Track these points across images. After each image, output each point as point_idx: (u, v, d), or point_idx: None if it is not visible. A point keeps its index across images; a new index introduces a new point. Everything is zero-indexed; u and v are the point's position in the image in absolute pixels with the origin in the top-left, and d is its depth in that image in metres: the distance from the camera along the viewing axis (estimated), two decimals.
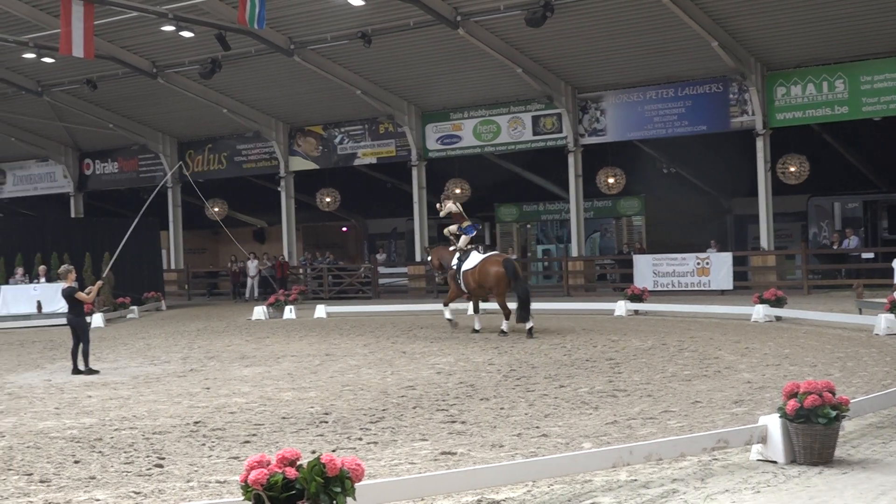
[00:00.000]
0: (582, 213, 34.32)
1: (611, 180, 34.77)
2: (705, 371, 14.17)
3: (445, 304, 22.14)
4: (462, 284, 21.43)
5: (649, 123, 32.41)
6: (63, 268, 17.71)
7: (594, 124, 33.27)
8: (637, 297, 25.04)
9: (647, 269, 31.34)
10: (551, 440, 9.77)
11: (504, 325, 20.82)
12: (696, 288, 30.35)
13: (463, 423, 10.89)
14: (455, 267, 21.63)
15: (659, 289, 30.05)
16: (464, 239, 21.83)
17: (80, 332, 16.75)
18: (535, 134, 34.24)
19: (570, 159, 33.61)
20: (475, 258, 21.28)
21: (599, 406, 11.62)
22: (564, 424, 10.57)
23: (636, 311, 24.71)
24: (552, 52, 31.20)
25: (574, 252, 34.60)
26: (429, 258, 23.90)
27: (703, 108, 31.46)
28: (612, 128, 33.13)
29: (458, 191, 37.35)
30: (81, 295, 17.08)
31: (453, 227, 22.27)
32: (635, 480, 7.95)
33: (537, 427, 10.46)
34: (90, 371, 16.47)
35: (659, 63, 30.82)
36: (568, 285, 33.63)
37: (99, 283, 18.33)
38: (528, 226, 41.98)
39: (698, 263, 30.62)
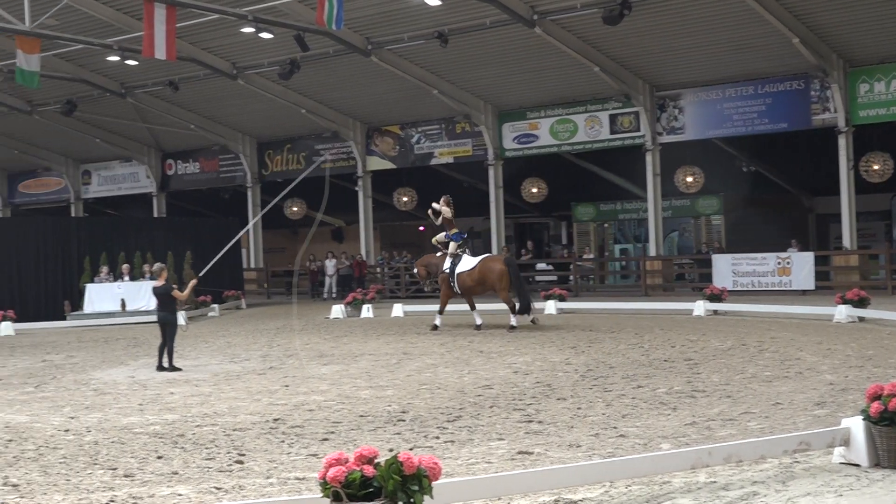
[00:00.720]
0: (660, 213, 34.00)
1: (689, 179, 34.42)
2: (786, 372, 13.98)
3: (441, 312, 23.23)
4: (455, 286, 22.81)
5: (728, 121, 32.02)
6: (157, 266, 18.10)
7: (672, 122, 32.95)
8: (716, 297, 24.77)
9: (726, 268, 30.96)
10: (629, 441, 9.72)
11: (513, 320, 22.05)
12: (776, 288, 29.91)
13: (540, 422, 10.87)
14: (448, 270, 22.97)
15: (738, 289, 29.67)
16: (453, 245, 23.20)
17: (170, 330, 17.07)
18: (612, 132, 34.02)
19: (648, 158, 33.32)
20: (470, 260, 22.93)
21: (678, 407, 11.53)
22: (642, 425, 10.50)
23: (715, 311, 24.43)
24: (629, 50, 30.97)
25: (652, 251, 34.31)
26: (415, 270, 25.03)
27: (783, 106, 30.98)
28: (690, 126, 32.79)
29: (534, 190, 37.28)
30: (178, 293, 17.51)
31: (441, 236, 23.64)
32: (714, 482, 7.87)
33: (615, 427, 10.41)
34: (173, 368, 16.76)
35: (738, 60, 30.41)
36: (646, 285, 33.35)
37: (194, 281, 18.74)
38: (606, 225, 41.74)
39: (779, 263, 30.18)
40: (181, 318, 32.38)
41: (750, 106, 31.51)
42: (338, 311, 28.19)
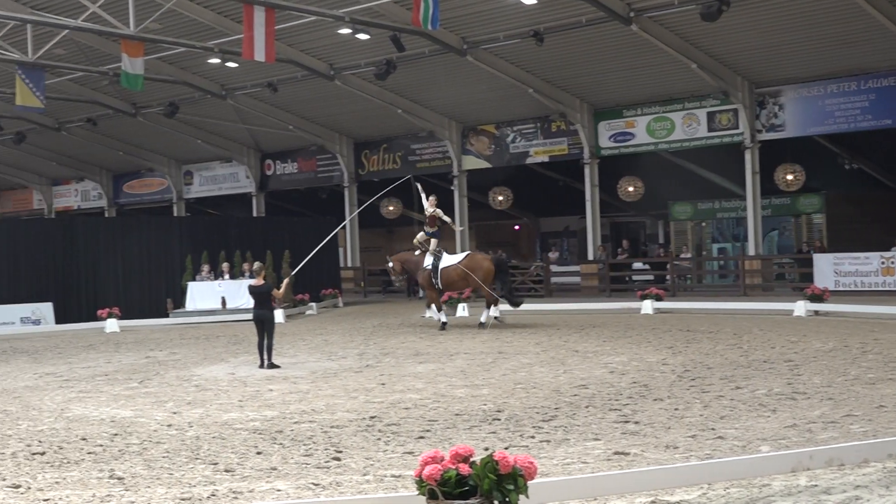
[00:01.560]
0: (759, 211, 33.41)
1: (789, 177, 33.78)
2: (890, 374, 13.66)
3: (439, 309, 24.31)
4: (439, 282, 23.96)
5: (830, 118, 31.33)
6: (257, 265, 18.52)
7: (772, 119, 32.37)
8: (817, 298, 24.29)
9: (827, 268, 30.33)
10: (727, 442, 9.60)
11: (485, 316, 23.69)
12: (880, 288, 29.19)
13: (636, 423, 10.81)
14: (430, 267, 24.04)
15: (840, 289, 29.02)
16: (433, 242, 24.35)
17: (269, 327, 17.40)
18: (710, 130, 33.53)
19: (747, 156, 32.79)
20: (452, 257, 24.37)
21: (777, 409, 11.35)
22: (741, 427, 10.36)
23: (816, 312, 23.96)
24: (728, 47, 30.51)
25: (751, 251, 33.75)
26: (390, 264, 25.31)
27: (887, 101, 30.15)
28: (790, 123, 32.16)
29: (630, 188, 36.93)
30: (276, 291, 17.97)
31: (421, 235, 24.68)
32: (816, 486, 7.74)
33: (713, 429, 10.29)
34: (272, 366, 17.03)
35: (840, 55, 29.74)
36: (744, 284, 32.83)
37: (287, 279, 19.08)
38: (703, 224, 41.20)
39: (883, 262, 29.46)
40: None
41: (852, 102, 30.79)
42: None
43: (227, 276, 31.26)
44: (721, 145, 33.78)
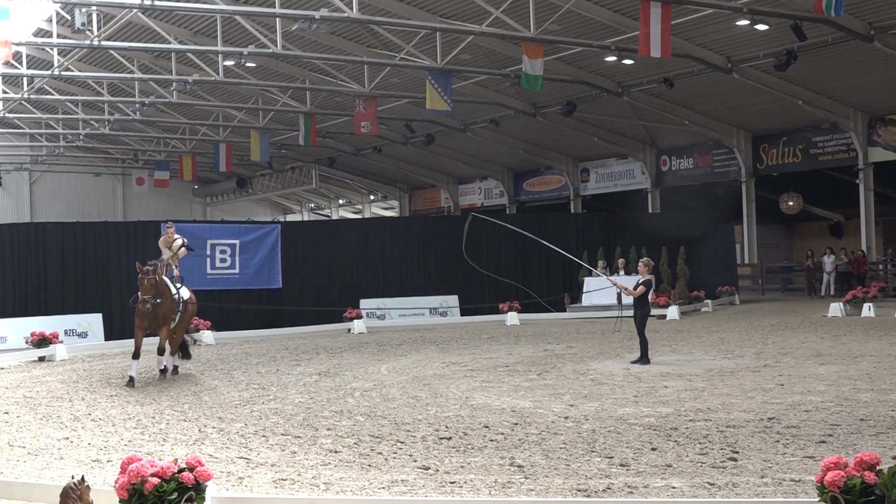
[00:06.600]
0: None
1: None
2: None
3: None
4: (179, 315, 18.09)
5: None
6: (646, 260, 18.83)
7: None
8: None
9: None
10: None
11: (172, 361, 18.28)
12: None
13: None
14: (177, 296, 18.09)
15: None
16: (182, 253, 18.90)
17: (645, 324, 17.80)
18: None
19: None
20: (183, 288, 18.54)
21: None
22: None
23: None
24: None
25: None
26: (157, 279, 17.54)
27: None
28: None
29: None
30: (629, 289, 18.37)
31: (178, 243, 18.81)
32: None
33: None
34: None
35: None
36: None
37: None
38: None
39: None
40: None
41: None
42: (836, 309, 27.14)
43: (622, 272, 31.53)
44: None
